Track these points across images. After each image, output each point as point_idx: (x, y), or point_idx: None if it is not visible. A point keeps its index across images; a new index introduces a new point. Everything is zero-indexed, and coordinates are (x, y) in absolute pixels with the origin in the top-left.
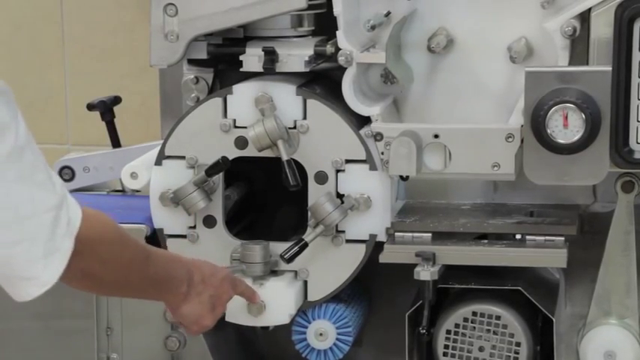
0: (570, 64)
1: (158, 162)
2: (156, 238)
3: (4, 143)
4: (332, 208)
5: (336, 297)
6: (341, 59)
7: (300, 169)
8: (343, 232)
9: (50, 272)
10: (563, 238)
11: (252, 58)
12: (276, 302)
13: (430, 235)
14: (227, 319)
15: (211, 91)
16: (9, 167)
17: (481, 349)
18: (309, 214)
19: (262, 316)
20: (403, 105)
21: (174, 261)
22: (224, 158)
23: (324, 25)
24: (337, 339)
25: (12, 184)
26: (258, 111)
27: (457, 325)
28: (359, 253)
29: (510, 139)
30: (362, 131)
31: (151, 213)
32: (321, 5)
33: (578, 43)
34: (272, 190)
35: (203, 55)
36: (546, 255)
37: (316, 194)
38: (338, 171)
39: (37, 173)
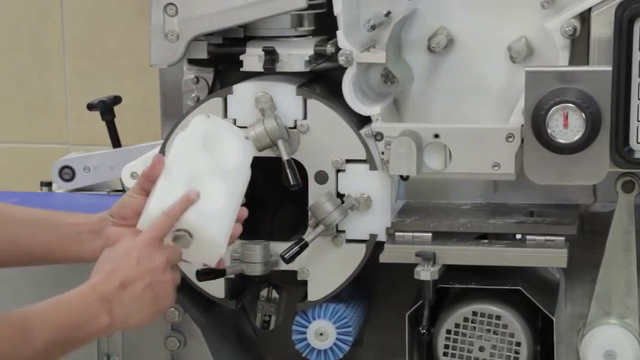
0: (570, 64)
1: None
2: None
3: None
4: (332, 208)
5: (336, 297)
6: (341, 59)
7: (300, 169)
8: (343, 232)
9: None
10: (563, 238)
11: (252, 58)
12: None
13: (430, 234)
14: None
15: (211, 91)
16: None
17: (481, 349)
18: (310, 213)
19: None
20: (403, 105)
21: (71, 307)
22: None
23: (325, 24)
24: (337, 339)
25: None
26: (259, 111)
27: (457, 325)
28: (359, 253)
29: (510, 139)
30: (362, 131)
31: None
32: (321, 5)
33: (578, 43)
34: (272, 190)
35: (203, 55)
36: (546, 255)
37: (316, 194)
38: (338, 171)
39: None
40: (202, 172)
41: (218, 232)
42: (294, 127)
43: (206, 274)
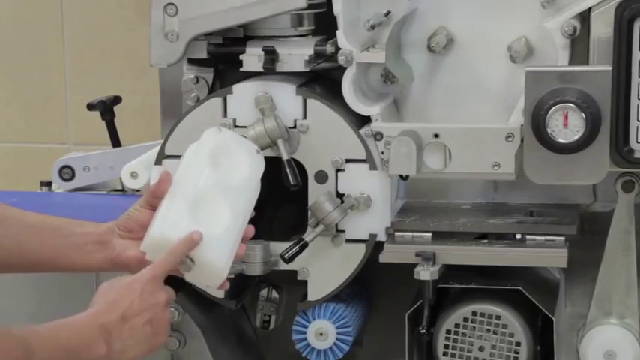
0: (570, 63)
1: (158, 161)
2: None
3: None
4: (332, 208)
5: (336, 297)
6: (341, 59)
7: (300, 169)
8: (343, 231)
9: None
10: (563, 238)
11: (252, 58)
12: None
13: (430, 234)
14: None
15: (211, 91)
16: None
17: (481, 348)
18: (309, 213)
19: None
20: (403, 105)
21: (72, 331)
22: None
23: (324, 24)
24: (337, 339)
25: None
26: (258, 110)
27: (457, 325)
28: (359, 252)
29: (510, 139)
30: (362, 131)
31: None
32: (321, 5)
33: (578, 43)
34: (272, 190)
35: (203, 55)
36: (546, 255)
37: (316, 194)
38: (338, 170)
39: None
40: (207, 192)
41: (220, 258)
42: (294, 127)
43: None
